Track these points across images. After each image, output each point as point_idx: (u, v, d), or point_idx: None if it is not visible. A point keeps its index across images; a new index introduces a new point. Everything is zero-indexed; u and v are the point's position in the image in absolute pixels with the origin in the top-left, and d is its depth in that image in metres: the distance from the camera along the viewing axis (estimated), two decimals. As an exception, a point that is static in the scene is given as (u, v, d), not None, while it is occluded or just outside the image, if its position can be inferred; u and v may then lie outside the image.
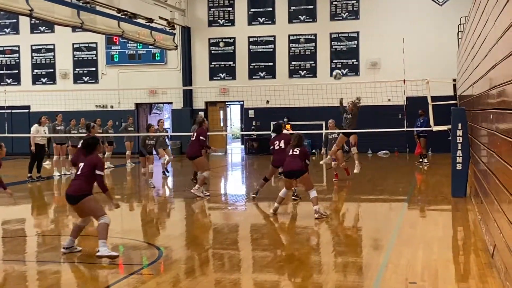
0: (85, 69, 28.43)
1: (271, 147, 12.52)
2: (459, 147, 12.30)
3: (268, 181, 13.23)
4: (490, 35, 7.71)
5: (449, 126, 12.72)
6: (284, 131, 13.37)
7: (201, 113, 24.97)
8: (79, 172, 7.98)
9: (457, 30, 21.67)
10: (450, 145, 12.51)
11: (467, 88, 13.71)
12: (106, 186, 8.16)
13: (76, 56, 28.56)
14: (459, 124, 12.32)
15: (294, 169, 10.57)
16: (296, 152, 10.69)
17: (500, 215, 6.41)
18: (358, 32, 25.59)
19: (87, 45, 28.27)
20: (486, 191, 8.41)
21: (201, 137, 13.29)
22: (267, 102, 24.59)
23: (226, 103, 28.52)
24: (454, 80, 18.89)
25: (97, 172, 7.93)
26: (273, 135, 13.08)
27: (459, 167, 12.33)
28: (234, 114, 33.91)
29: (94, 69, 28.35)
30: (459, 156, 12.31)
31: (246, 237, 9.51)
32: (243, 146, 28.49)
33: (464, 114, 12.54)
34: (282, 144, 12.11)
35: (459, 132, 12.31)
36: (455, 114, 12.55)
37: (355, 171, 15.10)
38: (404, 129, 19.36)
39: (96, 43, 28.04)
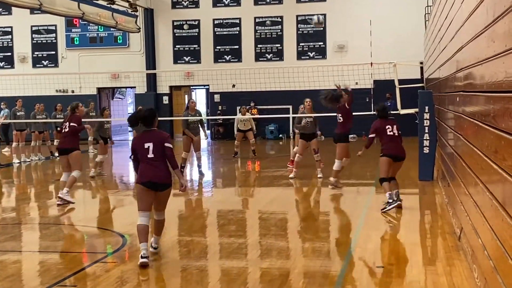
0: (45, 53, 27.97)
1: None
2: (426, 131, 12.46)
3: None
4: (456, 17, 7.79)
5: (416, 109, 12.87)
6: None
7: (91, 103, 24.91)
8: (151, 155, 6.93)
9: (424, 12, 21.85)
10: (417, 129, 12.66)
11: (434, 71, 13.86)
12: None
13: (35, 39, 28.06)
14: (426, 107, 12.48)
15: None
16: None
17: (466, 198, 6.52)
18: (325, 15, 25.55)
19: (46, 27, 27.79)
20: (453, 174, 8.55)
21: (71, 124, 11.13)
22: (233, 86, 24.58)
23: (191, 87, 28.37)
24: (421, 63, 19.09)
25: (166, 145, 7.00)
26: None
27: (426, 150, 12.50)
28: (199, 99, 33.75)
29: (53, 52, 27.90)
30: (426, 140, 12.48)
31: (213, 224, 9.52)
32: (209, 131, 28.41)
33: (431, 97, 12.69)
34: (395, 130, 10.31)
35: (426, 115, 12.47)
36: (422, 97, 12.70)
37: (319, 175, 13.67)
38: (372, 112, 19.51)
39: (55, 25, 27.58)
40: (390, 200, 9.65)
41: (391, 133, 10.20)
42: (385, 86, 20.35)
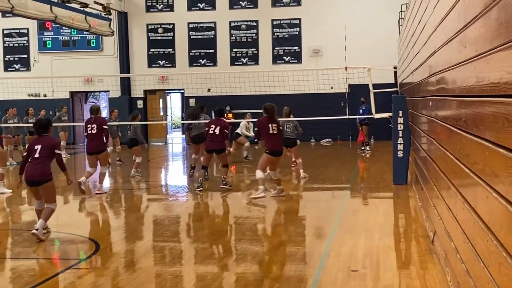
0: (16, 56, 27.69)
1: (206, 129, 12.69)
2: (400, 135, 12.58)
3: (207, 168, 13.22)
4: (429, 22, 7.89)
5: (391, 114, 12.98)
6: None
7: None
8: (37, 155, 8.33)
9: (398, 17, 22.07)
10: (391, 133, 12.77)
11: (408, 75, 14.00)
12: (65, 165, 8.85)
13: (6, 42, 27.76)
14: (400, 112, 12.59)
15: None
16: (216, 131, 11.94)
17: (440, 201, 6.59)
18: (300, 19, 25.75)
19: (18, 31, 27.52)
20: (426, 178, 8.64)
21: (104, 127, 12.60)
22: (208, 90, 24.56)
23: (166, 91, 28.28)
24: (395, 68, 19.26)
25: (56, 151, 8.54)
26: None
27: (400, 154, 12.61)
28: (174, 103, 33.66)
29: (25, 56, 27.63)
30: (400, 144, 12.59)
31: (187, 229, 9.50)
32: (184, 136, 28.33)
33: (405, 101, 12.82)
34: (217, 130, 12.40)
35: (400, 120, 12.58)
36: (396, 101, 12.81)
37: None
38: (347, 117, 19.67)
39: (27, 28, 27.32)
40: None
41: (212, 131, 12.38)
42: (360, 90, 20.49)
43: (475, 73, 4.16)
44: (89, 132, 12.54)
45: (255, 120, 12.97)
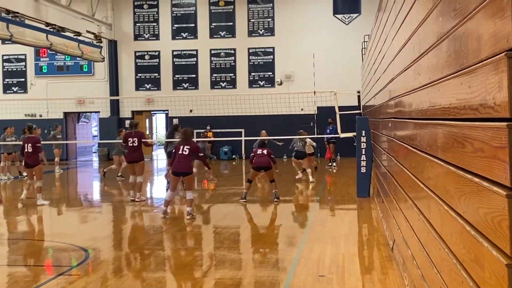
0: (15, 80, 27.40)
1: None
2: (363, 152, 12.67)
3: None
4: (388, 52, 7.99)
5: (355, 133, 13.08)
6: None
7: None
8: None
9: (361, 47, 22.32)
10: (355, 150, 12.86)
11: (370, 99, 14.14)
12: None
13: (5, 67, 27.48)
14: (363, 131, 12.70)
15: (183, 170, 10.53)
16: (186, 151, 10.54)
17: (398, 213, 6.64)
18: (273, 48, 25.91)
19: (16, 56, 27.26)
20: (386, 191, 8.70)
21: (143, 140, 13.21)
22: (191, 111, 24.53)
23: (152, 112, 28.19)
24: (359, 92, 19.45)
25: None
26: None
27: (363, 170, 12.69)
28: (159, 122, 33.51)
29: (23, 79, 27.36)
30: (363, 160, 12.68)
31: (170, 238, 9.43)
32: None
33: (367, 122, 12.93)
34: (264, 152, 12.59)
35: (363, 139, 12.68)
36: (359, 122, 12.92)
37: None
38: (315, 136, 19.77)
39: (25, 54, 27.09)
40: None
41: (260, 152, 12.51)
42: (327, 112, 20.60)
43: (428, 98, 4.22)
44: (130, 144, 12.88)
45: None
